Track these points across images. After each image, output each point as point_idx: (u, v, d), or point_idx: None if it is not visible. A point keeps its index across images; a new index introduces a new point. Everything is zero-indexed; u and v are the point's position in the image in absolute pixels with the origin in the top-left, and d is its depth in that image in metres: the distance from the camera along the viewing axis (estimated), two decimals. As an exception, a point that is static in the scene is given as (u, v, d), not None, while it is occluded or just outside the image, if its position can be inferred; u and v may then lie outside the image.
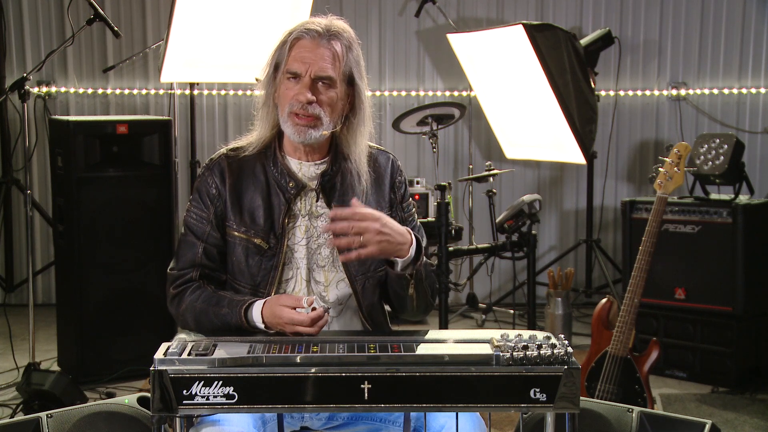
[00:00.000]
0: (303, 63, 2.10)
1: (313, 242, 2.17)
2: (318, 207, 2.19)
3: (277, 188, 2.17)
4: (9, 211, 5.63)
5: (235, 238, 2.16)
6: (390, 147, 5.85)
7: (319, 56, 2.10)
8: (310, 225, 2.17)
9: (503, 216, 4.44)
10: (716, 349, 4.20)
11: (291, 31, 2.14)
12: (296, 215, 2.18)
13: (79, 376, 4.10)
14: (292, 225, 2.17)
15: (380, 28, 5.88)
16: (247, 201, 2.17)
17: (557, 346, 1.73)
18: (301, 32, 2.11)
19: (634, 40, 5.86)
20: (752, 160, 5.70)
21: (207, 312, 2.09)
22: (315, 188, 2.18)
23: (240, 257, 2.16)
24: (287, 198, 2.16)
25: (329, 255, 2.17)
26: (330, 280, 2.18)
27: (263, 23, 4.45)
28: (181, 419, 1.73)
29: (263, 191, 2.17)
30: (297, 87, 2.10)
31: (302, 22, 2.16)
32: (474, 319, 5.47)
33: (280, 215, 2.16)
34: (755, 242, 4.19)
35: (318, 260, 2.17)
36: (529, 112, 5.10)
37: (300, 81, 2.10)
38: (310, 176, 2.19)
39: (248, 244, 2.15)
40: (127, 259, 4.23)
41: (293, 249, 2.17)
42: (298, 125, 2.11)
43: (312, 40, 2.11)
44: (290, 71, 2.11)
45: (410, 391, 1.71)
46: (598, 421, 2.20)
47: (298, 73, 2.10)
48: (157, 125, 4.38)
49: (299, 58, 2.10)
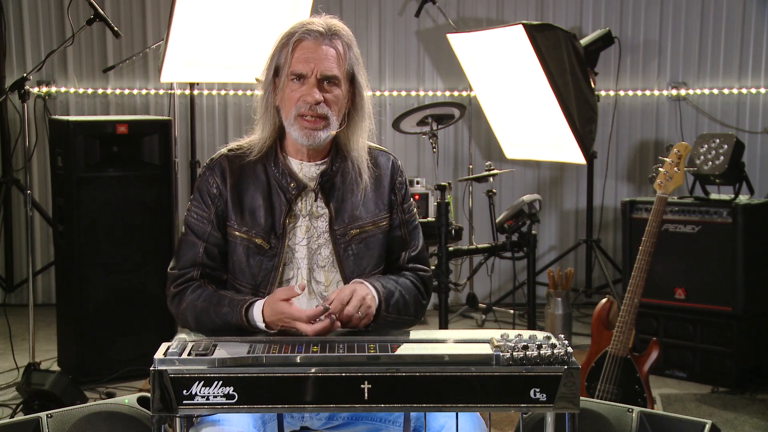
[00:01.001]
0: (308, 63, 2.09)
1: (314, 242, 2.17)
2: (318, 207, 2.18)
3: (278, 188, 2.17)
4: (9, 211, 5.63)
5: (236, 237, 2.16)
6: (390, 147, 5.84)
7: (323, 56, 2.09)
8: (310, 225, 2.17)
9: (503, 216, 4.44)
10: (716, 349, 4.20)
11: (291, 33, 2.13)
12: (297, 215, 2.17)
13: (79, 376, 4.10)
14: (293, 225, 2.17)
15: (380, 28, 5.88)
16: (248, 201, 2.17)
17: (557, 346, 1.73)
18: (302, 33, 2.10)
19: (634, 40, 5.86)
20: (752, 160, 5.70)
21: (208, 311, 2.09)
22: (314, 188, 2.18)
23: (241, 257, 2.16)
24: (288, 198, 2.16)
25: (329, 255, 2.17)
26: (330, 281, 2.18)
27: (263, 23, 4.44)
28: (181, 419, 1.73)
29: (264, 191, 2.17)
30: (303, 88, 2.10)
31: (300, 22, 2.15)
32: (474, 319, 5.47)
33: (281, 215, 2.15)
34: (755, 242, 4.19)
35: (318, 260, 2.17)
36: (529, 112, 5.10)
37: (306, 82, 2.10)
38: (311, 176, 2.19)
39: (249, 243, 2.15)
40: (127, 259, 4.23)
41: (294, 249, 2.17)
42: (306, 128, 2.10)
43: (314, 40, 2.10)
44: (295, 73, 2.10)
45: (410, 391, 1.71)
46: (598, 421, 2.21)
47: (304, 74, 2.10)
48: (157, 125, 4.38)
49: (303, 59, 2.09)
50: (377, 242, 2.22)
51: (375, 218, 2.22)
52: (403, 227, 2.27)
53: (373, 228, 2.21)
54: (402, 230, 2.27)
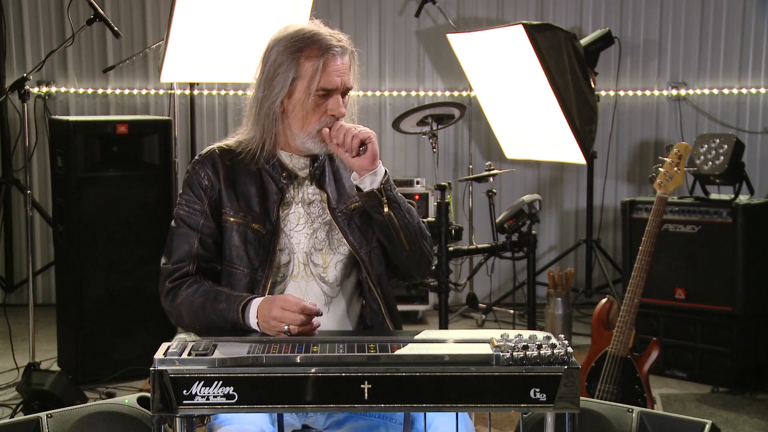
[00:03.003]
0: (338, 79, 2.15)
1: (309, 227, 2.21)
2: (310, 194, 2.23)
3: (270, 178, 2.21)
4: (9, 211, 5.63)
5: (232, 224, 2.18)
6: (390, 147, 5.88)
7: (345, 70, 2.17)
8: (303, 212, 2.21)
9: (503, 216, 4.43)
10: (716, 349, 4.20)
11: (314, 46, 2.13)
12: (290, 202, 2.22)
13: (79, 376, 4.10)
14: (287, 212, 2.21)
15: (380, 28, 5.88)
16: (241, 189, 2.20)
17: (557, 346, 1.73)
18: (332, 50, 2.13)
19: (634, 40, 5.86)
20: (752, 160, 5.70)
21: (204, 306, 2.10)
22: (306, 176, 2.23)
23: (237, 242, 2.18)
24: (280, 187, 2.21)
25: (326, 238, 2.20)
26: (328, 262, 2.20)
27: (263, 23, 4.44)
28: (181, 419, 1.73)
29: (257, 181, 2.21)
30: (329, 102, 2.15)
31: (315, 34, 2.15)
32: (474, 319, 5.47)
33: (275, 204, 2.19)
34: (755, 242, 4.19)
35: (315, 244, 2.20)
36: (529, 112, 5.10)
37: (331, 96, 2.15)
38: (300, 166, 2.24)
39: (246, 229, 2.18)
40: (127, 259, 4.23)
41: (289, 235, 2.20)
42: (326, 140, 2.15)
43: (340, 56, 2.16)
44: (326, 89, 2.14)
45: (410, 391, 1.71)
46: (598, 421, 2.21)
47: (335, 89, 2.15)
48: (157, 125, 4.38)
49: (335, 76, 2.14)
50: None
51: None
52: None
53: None
54: None
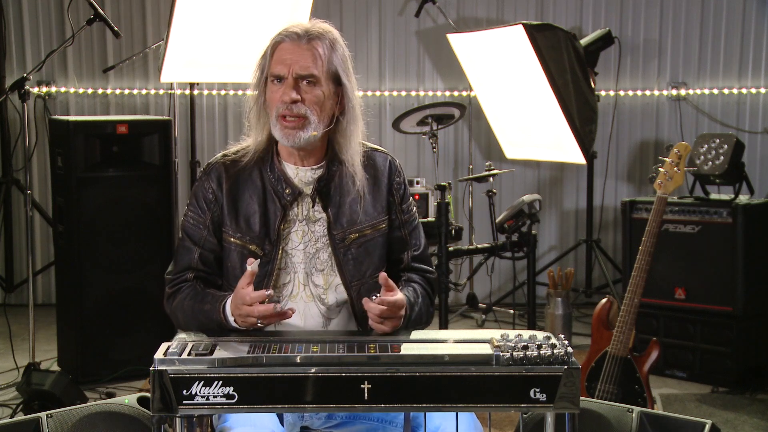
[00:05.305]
0: (284, 64, 2.11)
1: (311, 246, 2.17)
2: (315, 212, 2.18)
3: (274, 194, 2.17)
4: (9, 211, 5.62)
5: (230, 243, 2.18)
6: (390, 147, 5.87)
7: (299, 56, 2.11)
8: (307, 230, 2.18)
9: (503, 216, 4.44)
10: (716, 349, 4.20)
11: (272, 38, 2.16)
12: (293, 220, 2.18)
13: (79, 376, 4.10)
14: (288, 230, 2.17)
15: (380, 28, 5.88)
16: (243, 206, 2.18)
17: (557, 346, 1.73)
18: (281, 36, 2.14)
19: (634, 40, 5.85)
20: (752, 160, 5.70)
21: (193, 308, 2.11)
22: (311, 194, 2.18)
23: (235, 263, 2.17)
24: (283, 204, 2.17)
25: (328, 259, 2.17)
26: (329, 284, 2.17)
27: (263, 23, 4.44)
28: (181, 419, 1.74)
29: (260, 197, 2.18)
30: (282, 89, 2.12)
31: (284, 27, 2.17)
32: (474, 319, 5.47)
33: (276, 221, 2.16)
34: (755, 242, 4.19)
35: (317, 264, 2.17)
36: (529, 112, 5.10)
37: (284, 83, 2.12)
38: (306, 181, 2.19)
39: (243, 250, 2.16)
40: (127, 259, 4.23)
41: (290, 254, 2.17)
42: (286, 128, 2.11)
43: (292, 42, 2.13)
44: (273, 74, 2.13)
45: (410, 391, 1.71)
46: (598, 421, 2.21)
47: (282, 75, 2.12)
48: (157, 125, 4.38)
49: (280, 61, 2.12)
50: (377, 245, 2.22)
51: (374, 221, 2.21)
52: (403, 228, 2.27)
53: (372, 232, 2.21)
54: (401, 231, 2.26)
